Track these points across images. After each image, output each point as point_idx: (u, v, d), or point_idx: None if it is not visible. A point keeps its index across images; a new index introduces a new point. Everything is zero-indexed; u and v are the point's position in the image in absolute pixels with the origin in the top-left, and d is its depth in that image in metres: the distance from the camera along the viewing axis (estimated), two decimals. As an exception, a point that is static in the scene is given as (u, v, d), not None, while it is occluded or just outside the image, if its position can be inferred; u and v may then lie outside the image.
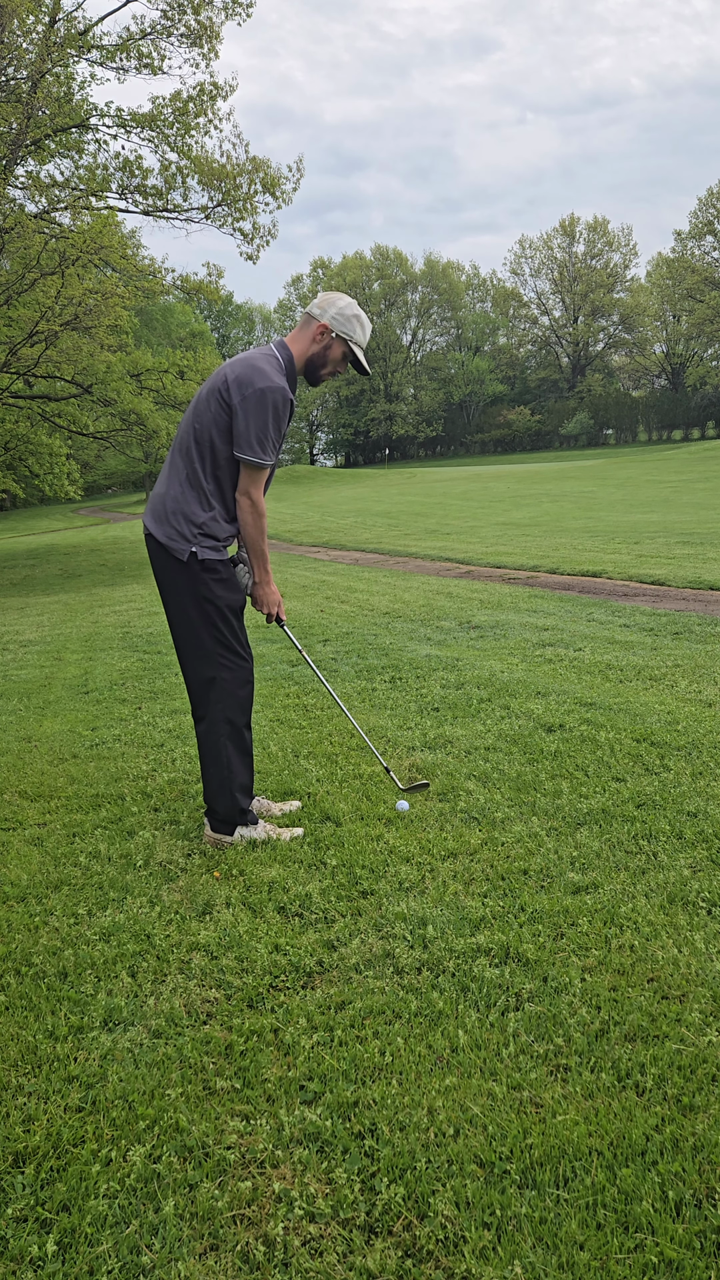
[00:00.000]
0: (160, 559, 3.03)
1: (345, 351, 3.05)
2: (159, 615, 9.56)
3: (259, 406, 2.86)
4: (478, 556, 11.97)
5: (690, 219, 70.22)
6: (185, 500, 2.99)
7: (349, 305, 3.03)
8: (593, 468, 38.26)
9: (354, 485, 43.16)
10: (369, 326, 3.10)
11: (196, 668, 3.08)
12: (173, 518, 2.99)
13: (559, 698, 4.68)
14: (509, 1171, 1.62)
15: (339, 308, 3.02)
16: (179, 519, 2.98)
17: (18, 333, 15.74)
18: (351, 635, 7.06)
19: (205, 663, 3.06)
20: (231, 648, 3.06)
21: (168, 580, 3.04)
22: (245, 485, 2.98)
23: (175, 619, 3.08)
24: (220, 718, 3.08)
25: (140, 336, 31.64)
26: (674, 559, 9.84)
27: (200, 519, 2.97)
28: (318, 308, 3.03)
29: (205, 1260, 1.50)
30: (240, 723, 3.11)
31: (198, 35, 16.79)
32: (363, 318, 3.06)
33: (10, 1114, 1.86)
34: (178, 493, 3.00)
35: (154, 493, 3.11)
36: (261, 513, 3.02)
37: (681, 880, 2.65)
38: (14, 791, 3.91)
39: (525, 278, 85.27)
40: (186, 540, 2.97)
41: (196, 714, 3.15)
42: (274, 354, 2.99)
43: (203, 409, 2.96)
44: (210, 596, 3.00)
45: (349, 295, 3.12)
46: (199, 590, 2.99)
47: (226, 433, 2.92)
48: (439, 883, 2.74)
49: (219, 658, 3.05)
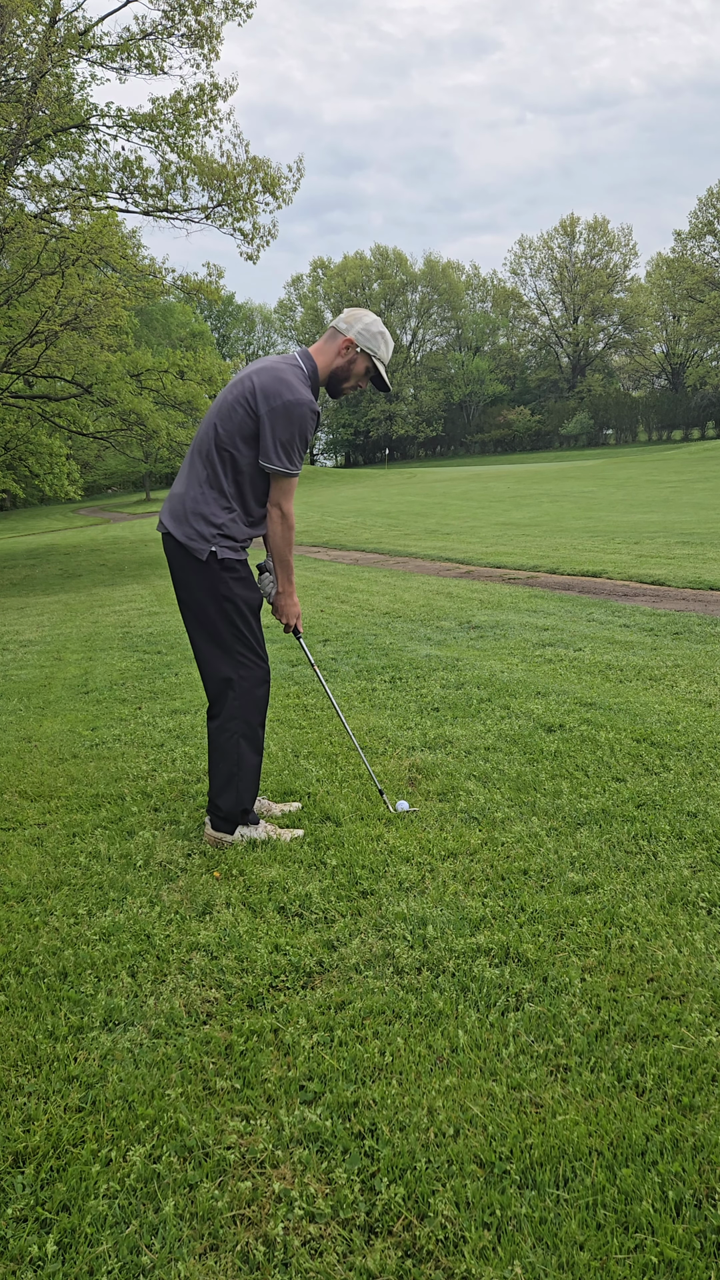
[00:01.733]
0: (179, 558, 3.05)
1: (369, 367, 3.10)
2: (159, 615, 9.55)
3: (287, 420, 2.90)
4: (478, 556, 11.97)
5: (690, 219, 70.36)
6: (205, 501, 3.01)
7: (374, 322, 3.08)
8: (593, 468, 38.27)
9: (354, 485, 43.17)
10: (391, 343, 3.16)
11: (215, 666, 3.09)
12: (192, 518, 3.01)
13: (559, 698, 4.68)
14: (509, 1171, 1.62)
15: (365, 324, 3.06)
16: (198, 520, 3.00)
17: (18, 333, 15.74)
18: (351, 635, 7.06)
19: (224, 661, 3.07)
20: (251, 646, 3.09)
21: (186, 579, 3.05)
22: (276, 496, 3.04)
23: (194, 618, 3.09)
24: (237, 715, 3.09)
25: (140, 336, 31.63)
26: (674, 559, 9.84)
27: (219, 520, 3.00)
28: (344, 323, 3.07)
29: (205, 1260, 1.50)
30: (255, 721, 3.13)
31: (198, 36, 16.79)
32: (386, 335, 3.12)
33: (10, 1114, 1.86)
34: (197, 494, 3.02)
35: (172, 493, 3.14)
36: (291, 525, 3.09)
37: (681, 880, 2.65)
38: (14, 791, 3.91)
39: (525, 278, 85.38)
40: (205, 540, 2.99)
41: (211, 712, 3.16)
42: (298, 364, 3.03)
43: (226, 414, 2.98)
44: (230, 595, 3.02)
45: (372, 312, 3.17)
46: (219, 589, 3.01)
47: (250, 440, 2.96)
48: (439, 883, 2.74)
49: (238, 655, 3.07)
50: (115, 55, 16.63)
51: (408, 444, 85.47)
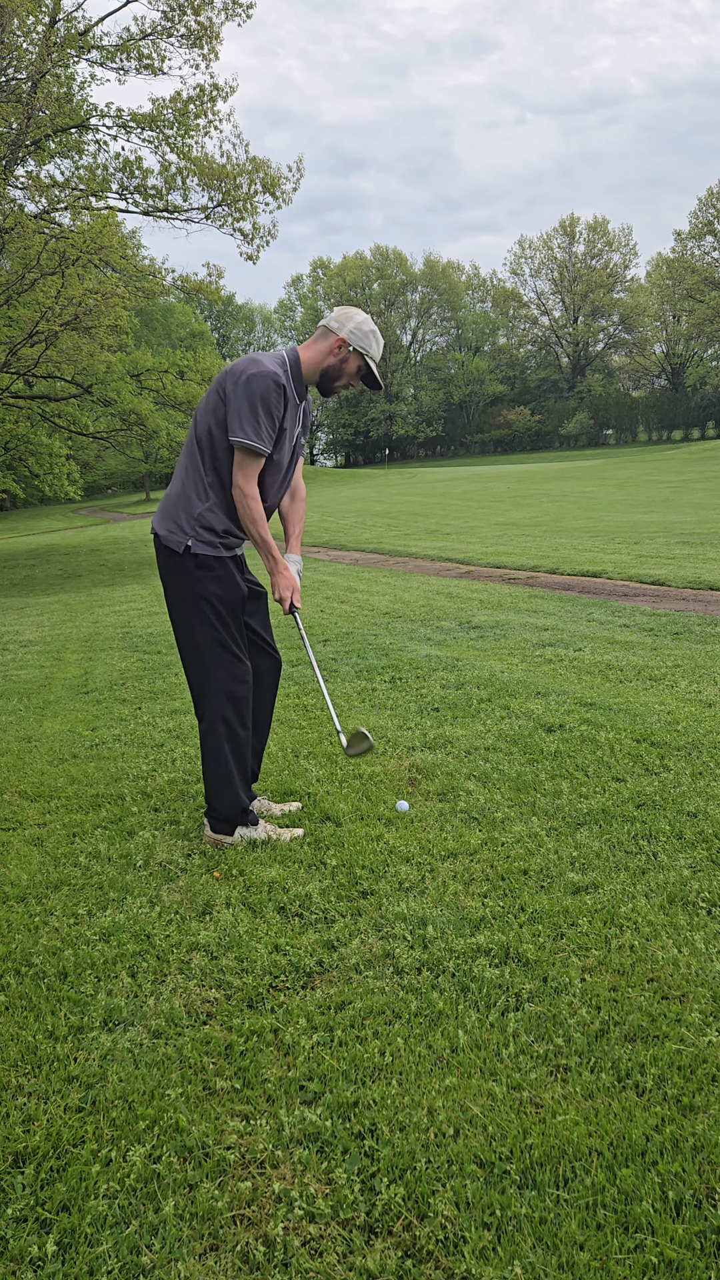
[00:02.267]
0: (161, 555, 3.09)
1: (360, 365, 3.11)
2: (159, 615, 9.55)
3: (248, 389, 2.91)
4: (478, 556, 11.97)
5: (690, 219, 70.34)
6: (185, 493, 3.05)
7: (365, 321, 3.09)
8: (593, 468, 38.26)
9: (354, 485, 43.17)
10: (382, 342, 3.17)
11: (194, 666, 3.12)
12: (174, 512, 3.05)
13: (559, 698, 4.68)
14: (509, 1171, 1.62)
15: (356, 323, 3.07)
16: (179, 513, 3.04)
17: (18, 333, 15.74)
18: (351, 635, 7.06)
19: (201, 661, 3.09)
20: (227, 646, 3.08)
21: (167, 577, 3.10)
22: (236, 474, 2.99)
23: (174, 617, 3.13)
24: (216, 716, 3.09)
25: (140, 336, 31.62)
26: (674, 559, 9.84)
27: (197, 510, 3.02)
28: (335, 321, 3.08)
29: (205, 1260, 1.50)
30: (236, 722, 3.11)
31: (198, 36, 16.79)
32: (377, 334, 3.13)
33: (10, 1114, 1.86)
34: (178, 489, 3.08)
35: (164, 494, 3.18)
36: (252, 501, 2.99)
37: (681, 880, 2.65)
38: (14, 791, 3.91)
39: (525, 278, 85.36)
40: (184, 533, 3.02)
41: (197, 712, 3.18)
42: (280, 354, 3.06)
43: (204, 403, 3.05)
44: (206, 595, 3.03)
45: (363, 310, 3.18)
46: (195, 588, 3.03)
47: (223, 424, 2.98)
48: (439, 883, 2.74)
49: (214, 656, 3.07)
50: (115, 55, 16.64)
51: (408, 444, 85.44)
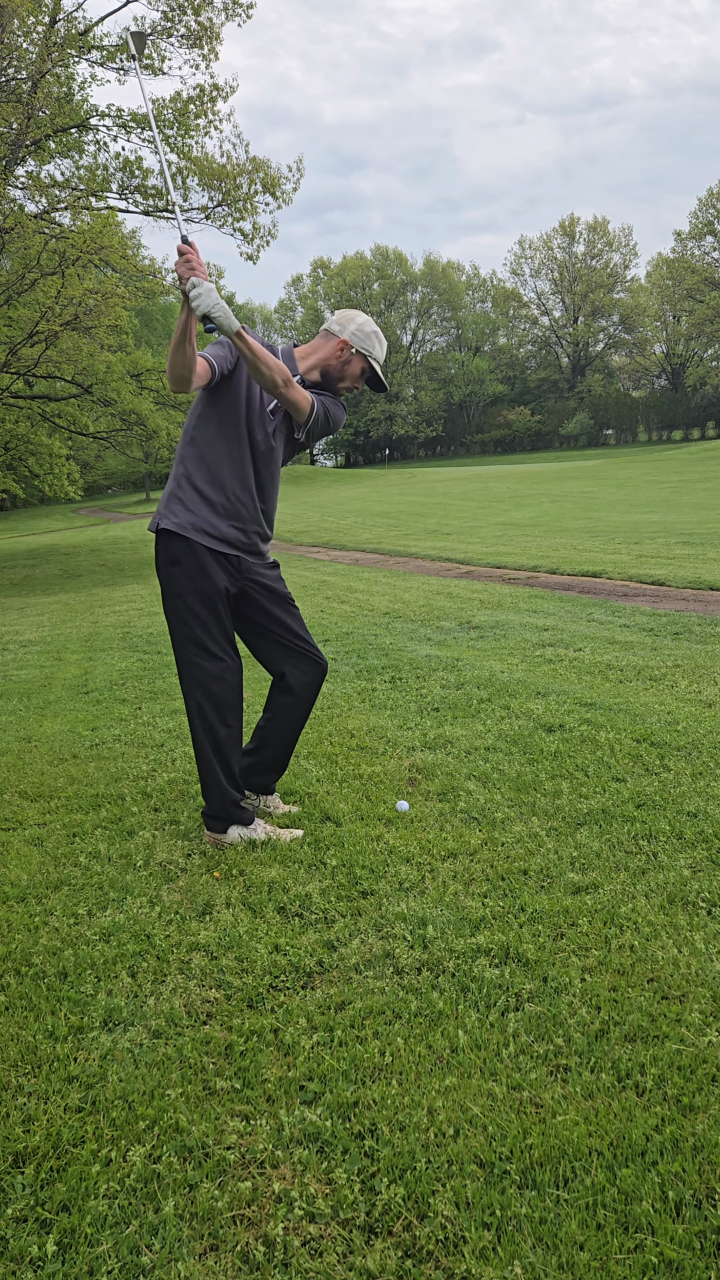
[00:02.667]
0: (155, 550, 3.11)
1: (364, 367, 3.09)
2: (159, 615, 9.56)
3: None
4: (478, 557, 11.96)
5: (690, 219, 70.37)
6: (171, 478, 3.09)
7: (367, 322, 3.08)
8: (593, 468, 38.25)
9: (354, 485, 43.16)
10: (385, 343, 3.15)
11: (177, 661, 3.14)
12: (162, 499, 3.08)
13: (559, 698, 4.68)
14: (509, 1172, 1.62)
15: (358, 324, 3.06)
16: (163, 497, 3.07)
17: (18, 333, 15.75)
18: (351, 635, 7.06)
19: (178, 657, 3.11)
20: (201, 644, 3.03)
21: (157, 574, 3.12)
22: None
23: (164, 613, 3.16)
24: (193, 713, 3.10)
25: (140, 336, 31.64)
26: (674, 559, 9.84)
27: (171, 487, 3.04)
28: (337, 324, 3.07)
29: (205, 1260, 1.50)
30: (214, 720, 3.08)
31: (198, 36, 16.78)
32: (380, 335, 3.11)
33: (10, 1114, 1.86)
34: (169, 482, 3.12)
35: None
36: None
37: (681, 880, 2.64)
38: (14, 791, 3.91)
39: (525, 278, 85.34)
40: (161, 514, 3.03)
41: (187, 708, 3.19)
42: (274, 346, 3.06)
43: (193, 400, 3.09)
44: (179, 591, 3.02)
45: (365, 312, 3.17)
46: (169, 585, 3.04)
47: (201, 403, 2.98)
48: (439, 883, 2.74)
49: (187, 653, 3.06)
50: (115, 55, 16.62)
51: (408, 444, 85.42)
